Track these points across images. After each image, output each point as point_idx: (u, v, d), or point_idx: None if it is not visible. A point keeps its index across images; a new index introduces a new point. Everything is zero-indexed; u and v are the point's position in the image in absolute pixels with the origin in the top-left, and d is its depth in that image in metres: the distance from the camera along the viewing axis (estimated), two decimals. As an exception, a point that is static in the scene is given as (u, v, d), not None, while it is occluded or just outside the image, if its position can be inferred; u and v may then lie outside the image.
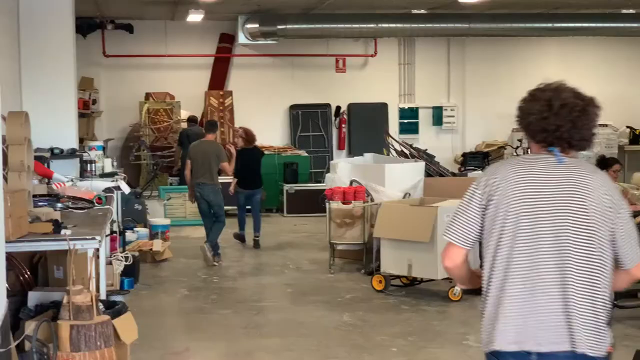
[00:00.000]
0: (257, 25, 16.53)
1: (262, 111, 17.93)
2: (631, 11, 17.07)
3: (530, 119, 3.52)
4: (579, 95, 3.65)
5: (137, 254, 10.61)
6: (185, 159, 12.79)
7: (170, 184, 16.31)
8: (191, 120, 16.52)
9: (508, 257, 3.34)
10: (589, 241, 3.30)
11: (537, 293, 3.30)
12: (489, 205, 3.40)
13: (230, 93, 17.44)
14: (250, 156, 12.86)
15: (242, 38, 16.76)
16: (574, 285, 3.28)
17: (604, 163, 10.44)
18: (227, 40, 17.88)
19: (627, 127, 18.68)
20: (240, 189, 12.92)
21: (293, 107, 18.14)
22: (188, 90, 17.37)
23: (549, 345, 3.27)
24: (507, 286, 3.34)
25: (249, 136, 13.03)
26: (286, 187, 16.23)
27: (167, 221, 13.07)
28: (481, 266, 3.45)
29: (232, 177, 12.92)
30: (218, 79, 17.88)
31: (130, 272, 9.71)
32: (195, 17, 16.35)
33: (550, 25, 17.10)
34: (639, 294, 8.54)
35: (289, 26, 16.43)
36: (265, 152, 16.73)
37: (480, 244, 3.48)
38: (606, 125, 18.34)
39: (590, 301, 3.28)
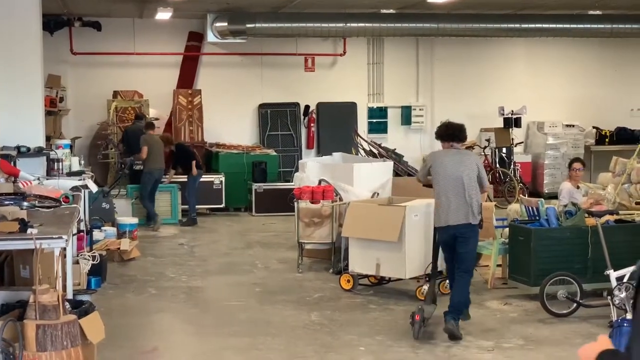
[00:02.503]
0: (226, 24, 16.50)
1: (231, 110, 17.91)
2: (598, 12, 17.24)
3: (441, 133, 8.32)
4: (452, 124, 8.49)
5: (104, 253, 10.56)
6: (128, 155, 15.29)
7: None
8: (138, 117, 16.27)
9: (438, 185, 8.04)
10: (469, 177, 7.97)
11: (451, 198, 7.91)
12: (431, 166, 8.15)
13: (199, 92, 17.38)
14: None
15: (211, 36, 16.72)
16: (466, 194, 7.87)
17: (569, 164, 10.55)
18: (195, 39, 17.82)
19: (594, 127, 18.85)
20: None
21: (262, 106, 18.12)
22: (156, 89, 17.29)
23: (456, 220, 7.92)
24: (438, 196, 8.03)
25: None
26: (255, 186, 16.22)
27: (135, 220, 13.02)
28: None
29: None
30: (187, 78, 17.82)
31: (98, 271, 9.66)
32: (163, 15, 16.29)
33: (518, 26, 17.22)
34: (604, 293, 8.63)
35: (257, 25, 16.42)
36: (234, 151, 16.85)
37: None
38: (573, 126, 18.52)
39: (473, 200, 7.89)
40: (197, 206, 15.21)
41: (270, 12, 16.59)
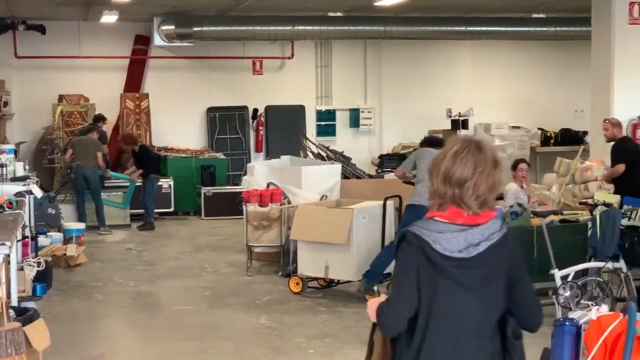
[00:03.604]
0: (172, 27, 16.41)
1: (179, 113, 17.79)
2: (541, 15, 17.47)
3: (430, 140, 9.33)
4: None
5: (50, 259, 10.41)
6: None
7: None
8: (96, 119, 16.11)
9: (421, 172, 8.73)
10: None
11: None
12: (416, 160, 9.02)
13: (146, 95, 17.25)
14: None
15: (157, 40, 16.62)
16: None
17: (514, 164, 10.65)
18: (142, 42, 17.68)
19: (539, 128, 19.07)
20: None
21: (210, 110, 18.05)
22: (103, 93, 17.12)
23: None
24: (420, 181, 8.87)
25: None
26: (204, 189, 16.15)
27: (81, 225, 12.89)
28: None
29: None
30: (134, 81, 17.68)
31: (43, 277, 9.53)
32: (109, 18, 16.14)
33: (464, 28, 17.38)
34: (550, 292, 8.72)
35: (204, 28, 16.35)
36: (183, 155, 16.78)
37: None
38: (519, 127, 18.72)
39: None
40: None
41: (217, 15, 16.54)
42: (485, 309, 3.39)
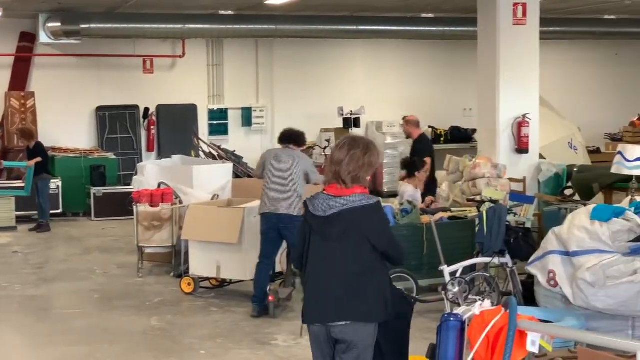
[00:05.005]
0: (59, 24, 16.01)
1: (67, 113, 17.38)
2: (430, 15, 17.76)
3: (280, 136, 9.12)
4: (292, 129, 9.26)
5: None
6: None
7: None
8: None
9: (266, 176, 8.76)
10: (297, 173, 8.72)
11: (276, 189, 8.75)
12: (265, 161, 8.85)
13: (32, 94, 16.81)
14: None
15: (43, 37, 16.18)
16: (290, 187, 8.69)
17: (413, 165, 10.68)
18: (27, 39, 17.21)
19: (429, 127, 19.36)
20: None
21: (100, 109, 17.71)
22: (-14, 91, 16.63)
23: (278, 209, 8.86)
24: (265, 187, 8.81)
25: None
26: (93, 190, 15.85)
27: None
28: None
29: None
30: (19, 80, 17.19)
31: None
32: (-8, 14, 15.66)
33: (354, 27, 17.52)
34: (439, 288, 8.87)
35: (92, 25, 16.02)
36: (71, 155, 16.43)
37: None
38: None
39: (296, 194, 8.71)
40: (33, 212, 14.80)
41: (105, 12, 16.24)
42: (341, 255, 4.80)
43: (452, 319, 4.23)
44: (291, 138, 9.12)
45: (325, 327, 4.80)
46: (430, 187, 11.49)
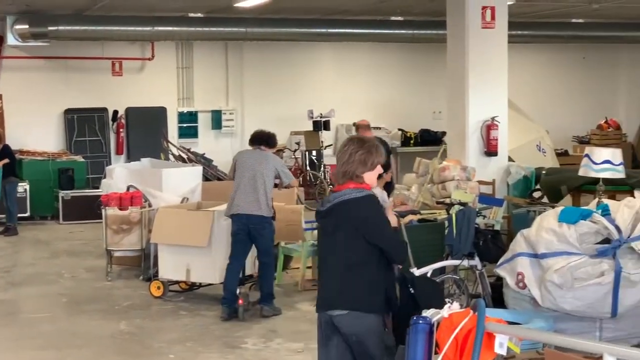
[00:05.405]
0: (26, 26, 15.89)
1: (35, 115, 17.23)
2: (399, 18, 17.80)
3: (251, 138, 9.12)
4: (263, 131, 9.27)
5: None
6: None
7: None
8: None
9: (237, 178, 8.85)
10: (267, 175, 8.75)
11: (247, 190, 8.76)
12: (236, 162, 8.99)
13: (-1, 96, 16.70)
14: None
15: (11, 39, 16.05)
16: (260, 188, 8.70)
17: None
18: (-5, 41, 17.08)
19: (399, 129, 19.42)
20: None
21: (68, 112, 17.58)
22: (-47, 94, 16.46)
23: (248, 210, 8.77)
24: (235, 188, 8.85)
25: None
26: (61, 193, 15.73)
27: None
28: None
29: None
30: (-14, 82, 17.05)
31: None
32: (-41, 16, 15.52)
33: (324, 30, 17.53)
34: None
35: (60, 28, 15.90)
36: (39, 158, 16.29)
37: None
38: (380, 128, 19.01)
39: (266, 195, 8.75)
40: (0, 216, 14.67)
41: (74, 14, 16.12)
42: (336, 248, 5.09)
43: (420, 321, 4.24)
44: (262, 139, 9.13)
45: (329, 316, 5.11)
46: (387, 189, 11.46)
